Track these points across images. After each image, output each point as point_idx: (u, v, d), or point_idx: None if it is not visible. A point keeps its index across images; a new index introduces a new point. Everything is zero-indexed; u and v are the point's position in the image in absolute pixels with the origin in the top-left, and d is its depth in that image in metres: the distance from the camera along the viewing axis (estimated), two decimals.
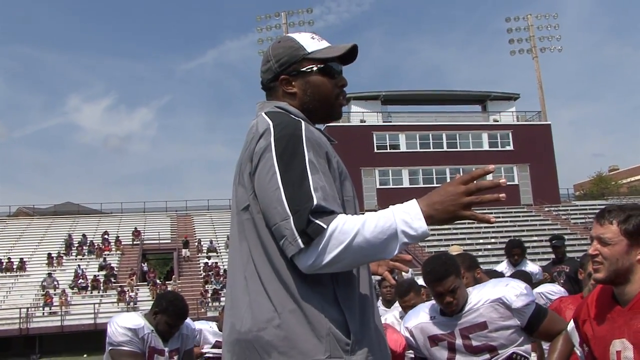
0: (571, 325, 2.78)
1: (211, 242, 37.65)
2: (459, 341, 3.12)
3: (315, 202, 1.67)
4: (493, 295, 3.10)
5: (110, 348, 3.88)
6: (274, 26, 49.00)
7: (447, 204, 1.68)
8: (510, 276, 4.81)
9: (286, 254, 1.71)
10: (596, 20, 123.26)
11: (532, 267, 7.35)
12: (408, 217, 1.68)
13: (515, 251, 7.35)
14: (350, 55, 2.05)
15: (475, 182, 1.69)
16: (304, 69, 2.00)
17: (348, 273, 1.81)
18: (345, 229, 1.66)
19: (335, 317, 1.74)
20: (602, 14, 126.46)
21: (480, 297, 3.13)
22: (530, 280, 5.47)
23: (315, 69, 2.00)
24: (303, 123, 1.85)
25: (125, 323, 3.91)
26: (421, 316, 3.29)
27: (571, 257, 8.54)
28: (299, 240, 1.66)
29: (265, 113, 1.93)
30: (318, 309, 1.73)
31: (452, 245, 7.60)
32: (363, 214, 1.73)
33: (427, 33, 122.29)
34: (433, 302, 3.32)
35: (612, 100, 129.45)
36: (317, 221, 1.66)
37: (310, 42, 2.03)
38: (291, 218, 1.67)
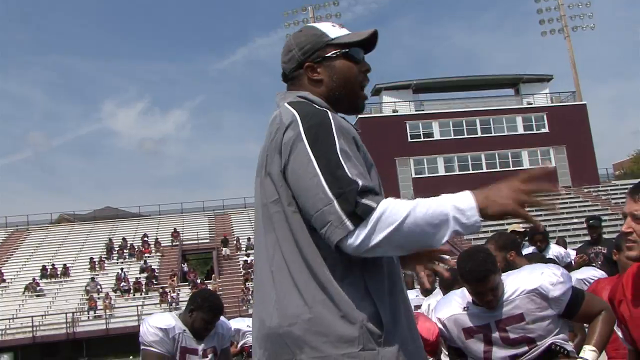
0: None
1: (249, 239, 37.76)
2: (495, 334, 3.02)
3: (360, 183, 1.65)
4: (529, 286, 2.98)
5: (142, 347, 3.92)
6: (302, 21, 48.83)
7: (503, 200, 1.65)
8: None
9: (331, 240, 1.66)
10: None
11: (557, 249, 7.24)
12: (462, 204, 1.63)
13: (538, 237, 7.25)
14: (371, 41, 2.04)
15: (534, 182, 1.66)
16: (328, 55, 1.98)
17: (376, 262, 1.78)
18: (396, 210, 1.62)
19: (367, 308, 1.71)
20: None
21: (516, 286, 3.01)
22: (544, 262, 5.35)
23: (339, 53, 1.98)
24: (330, 112, 1.83)
25: (157, 323, 3.93)
26: (454, 306, 3.18)
27: (608, 238, 8.36)
28: (347, 223, 1.62)
29: (288, 103, 1.90)
30: (350, 301, 1.70)
31: (513, 223, 7.44)
32: None
33: (457, 19, 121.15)
34: (464, 289, 3.21)
35: None
36: (365, 201, 1.63)
37: (332, 29, 2.02)
38: (335, 202, 1.64)
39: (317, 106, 1.87)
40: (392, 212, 1.62)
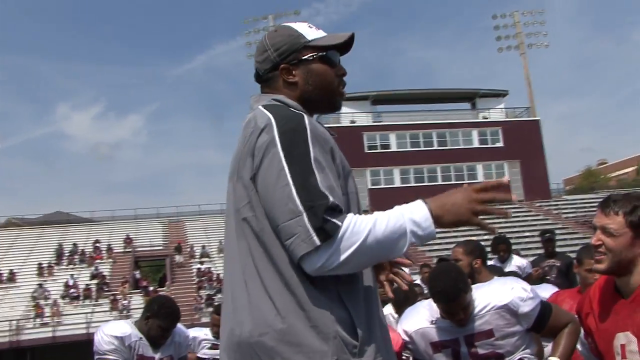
0: None
1: (204, 247, 37.48)
2: (463, 349, 2.97)
3: (330, 199, 1.62)
4: (500, 302, 2.95)
5: (97, 357, 3.77)
6: (262, 29, 48.99)
7: (458, 208, 1.68)
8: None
9: (295, 253, 1.61)
10: (582, 16, 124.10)
11: (519, 260, 7.37)
12: (417, 217, 1.65)
13: (502, 247, 7.37)
14: (347, 44, 2.00)
15: (489, 192, 1.70)
16: (305, 57, 1.94)
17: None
18: (357, 228, 1.61)
19: (341, 318, 1.66)
20: (587, 10, 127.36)
21: (487, 302, 2.97)
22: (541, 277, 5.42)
23: (316, 56, 1.93)
24: (306, 117, 1.77)
25: (111, 331, 3.81)
26: (421, 319, 3.12)
27: (561, 252, 8.52)
28: (315, 238, 1.58)
29: (263, 106, 1.84)
30: (323, 311, 1.65)
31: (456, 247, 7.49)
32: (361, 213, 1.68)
33: (416, 33, 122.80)
34: (432, 301, 3.15)
35: (600, 94, 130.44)
36: (332, 219, 1.60)
37: (309, 31, 1.98)
38: (304, 214, 1.60)
39: (293, 110, 1.82)
40: (355, 231, 1.61)
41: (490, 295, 3.00)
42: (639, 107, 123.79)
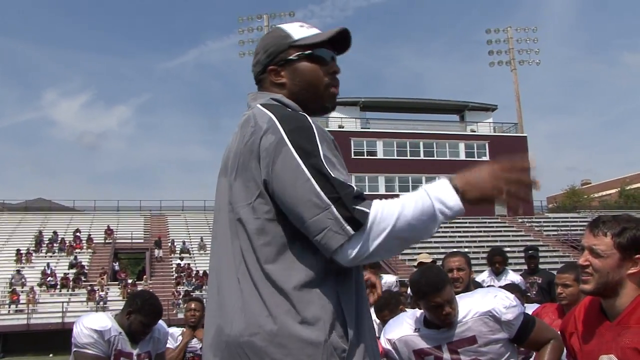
0: None
1: (184, 243, 37.37)
2: (446, 356, 2.97)
3: (355, 188, 1.62)
4: (483, 308, 2.96)
5: (75, 350, 3.72)
6: (256, 28, 48.93)
7: (484, 184, 1.68)
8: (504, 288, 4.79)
9: (328, 246, 1.59)
10: (574, 36, 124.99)
11: (514, 276, 7.34)
12: (443, 195, 1.65)
13: (497, 259, 7.34)
14: (340, 40, 1.96)
15: (515, 171, 1.69)
16: (290, 57, 1.91)
17: (347, 275, 1.72)
18: (387, 213, 1.61)
19: (333, 321, 1.65)
20: (580, 30, 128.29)
21: (469, 308, 2.98)
22: (521, 292, 5.46)
23: (302, 55, 1.91)
24: (307, 116, 1.76)
25: (91, 324, 3.75)
26: (405, 328, 3.12)
27: (543, 269, 8.56)
28: (348, 227, 1.57)
29: (261, 105, 1.82)
30: (315, 314, 1.63)
31: (421, 253, 7.52)
32: None
33: (409, 41, 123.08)
34: (415, 311, 3.18)
35: (587, 115, 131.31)
36: (360, 207, 1.60)
37: (298, 30, 1.95)
38: (332, 206, 1.58)
39: (291, 109, 1.80)
40: (384, 216, 1.60)
41: (473, 302, 3.01)
42: (624, 130, 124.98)
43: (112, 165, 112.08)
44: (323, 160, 1.64)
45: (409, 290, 5.93)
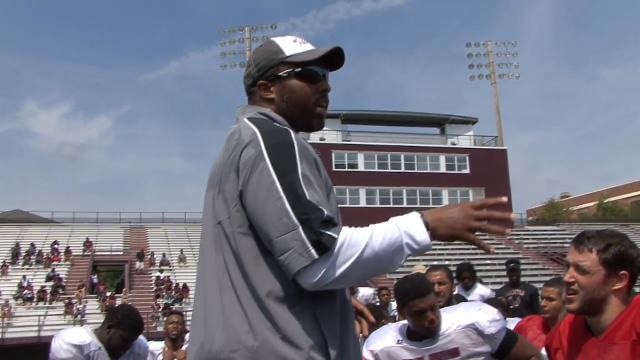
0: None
1: (164, 255, 37.08)
2: None
3: (325, 212, 1.59)
4: (466, 321, 2.97)
5: None
6: (238, 40, 49.14)
7: (454, 222, 1.68)
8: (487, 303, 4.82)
9: (290, 268, 1.57)
10: (553, 50, 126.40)
11: (483, 290, 7.41)
12: (412, 229, 1.63)
13: (466, 274, 7.43)
14: (333, 58, 1.95)
15: (485, 210, 1.70)
16: (280, 74, 1.90)
17: (330, 290, 1.68)
18: (354, 241, 1.59)
19: (315, 339, 1.63)
20: (559, 44, 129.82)
21: (452, 321, 2.99)
22: (504, 307, 5.49)
23: (292, 72, 1.89)
24: (292, 132, 1.74)
25: (70, 339, 3.70)
26: (387, 339, 3.11)
27: (524, 282, 8.61)
28: (312, 251, 1.55)
29: (248, 119, 1.80)
30: (296, 330, 1.61)
31: (417, 265, 7.59)
32: None
33: (390, 54, 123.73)
34: (398, 323, 3.18)
35: (565, 128, 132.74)
36: (328, 232, 1.58)
37: (291, 46, 1.93)
38: (300, 228, 1.56)
39: (278, 124, 1.78)
40: (352, 243, 1.58)
41: (457, 315, 3.02)
42: (602, 143, 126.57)
43: (91, 177, 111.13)
44: (300, 178, 1.63)
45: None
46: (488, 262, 35.11)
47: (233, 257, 1.70)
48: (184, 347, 5.50)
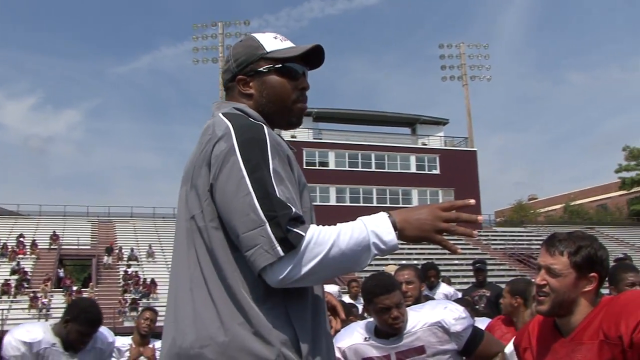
0: (510, 348, 2.79)
1: (132, 250, 36.76)
2: None
3: (293, 209, 1.59)
4: (432, 319, 3.01)
5: None
6: (211, 35, 48.78)
7: (422, 224, 1.69)
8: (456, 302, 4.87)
9: (256, 264, 1.58)
10: (523, 54, 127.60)
11: (446, 289, 7.54)
12: (379, 229, 1.65)
13: (431, 273, 7.53)
14: (313, 56, 1.97)
15: (454, 212, 1.72)
16: (260, 69, 1.91)
17: (299, 288, 1.69)
18: (321, 239, 1.60)
19: (286, 334, 1.63)
20: (529, 48, 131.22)
21: (418, 319, 3.03)
22: (471, 306, 5.56)
23: (272, 68, 1.90)
24: (265, 127, 1.75)
25: (21, 336, 3.61)
26: (355, 336, 3.14)
27: (491, 282, 8.72)
28: (278, 248, 1.55)
29: (223, 114, 1.80)
30: (268, 326, 1.62)
31: (389, 264, 7.69)
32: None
33: (363, 53, 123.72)
34: (366, 321, 3.22)
35: (534, 131, 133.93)
36: (296, 229, 1.57)
37: (272, 42, 1.94)
38: (267, 224, 1.57)
39: (252, 120, 1.80)
40: (318, 241, 1.59)
41: (423, 313, 3.06)
42: (569, 147, 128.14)
43: (59, 170, 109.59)
44: (271, 174, 1.64)
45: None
46: (456, 262, 35.41)
47: (206, 251, 1.70)
48: (151, 345, 5.47)
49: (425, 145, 47.89)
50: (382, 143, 46.82)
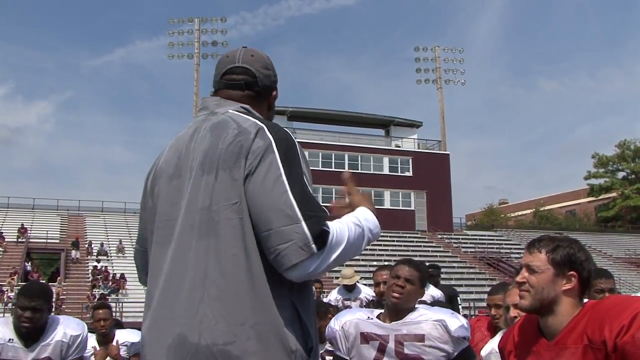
0: (486, 350, 2.80)
1: (102, 245, 36.40)
2: (391, 344, 3.08)
3: (327, 211, 1.77)
4: (437, 317, 3.13)
5: None
6: (187, 31, 48.50)
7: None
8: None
9: (287, 259, 1.65)
10: (497, 59, 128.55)
11: (434, 291, 7.56)
12: (371, 223, 1.91)
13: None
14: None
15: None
16: (274, 93, 2.18)
17: (303, 283, 1.79)
18: (340, 237, 1.75)
19: (300, 329, 1.73)
20: (503, 53, 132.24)
21: (424, 313, 3.17)
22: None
23: (276, 93, 2.19)
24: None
25: None
26: (358, 314, 3.30)
27: (445, 284, 8.94)
28: (313, 246, 1.66)
29: (241, 112, 1.93)
30: (287, 322, 1.70)
31: (345, 268, 7.71)
32: None
33: (339, 53, 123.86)
34: (372, 310, 3.37)
35: (506, 136, 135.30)
36: (327, 228, 1.72)
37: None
38: (303, 222, 1.67)
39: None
40: (338, 238, 1.75)
41: (431, 310, 3.21)
42: (540, 153, 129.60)
43: (28, 162, 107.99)
44: (304, 177, 1.77)
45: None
46: (428, 264, 35.51)
47: (234, 242, 1.72)
48: (114, 341, 5.18)
49: (399, 147, 48.06)
50: (356, 144, 46.91)
